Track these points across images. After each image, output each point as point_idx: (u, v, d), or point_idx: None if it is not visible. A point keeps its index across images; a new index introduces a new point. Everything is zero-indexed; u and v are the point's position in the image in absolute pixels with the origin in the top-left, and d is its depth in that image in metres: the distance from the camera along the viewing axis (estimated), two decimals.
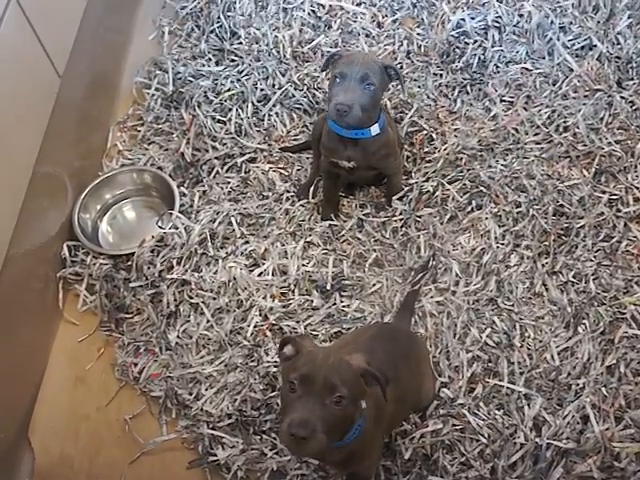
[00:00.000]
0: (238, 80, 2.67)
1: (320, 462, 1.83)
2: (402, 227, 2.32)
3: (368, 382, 1.44)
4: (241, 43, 2.79)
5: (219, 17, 2.86)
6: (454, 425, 1.90)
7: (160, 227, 2.28)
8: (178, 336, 2.11)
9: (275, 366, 2.02)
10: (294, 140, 2.59)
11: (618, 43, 2.72)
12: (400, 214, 2.33)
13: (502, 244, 2.24)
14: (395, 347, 1.80)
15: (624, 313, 2.07)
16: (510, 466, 1.85)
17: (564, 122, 2.51)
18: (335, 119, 2.02)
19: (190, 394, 2.02)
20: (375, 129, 2.10)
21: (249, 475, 1.90)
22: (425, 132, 2.51)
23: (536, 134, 2.51)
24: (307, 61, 2.76)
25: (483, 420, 1.90)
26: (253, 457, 1.90)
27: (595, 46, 2.71)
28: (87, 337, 2.20)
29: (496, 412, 1.92)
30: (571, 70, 2.67)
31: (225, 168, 2.49)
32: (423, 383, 1.89)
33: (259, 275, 2.18)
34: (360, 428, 1.50)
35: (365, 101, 1.99)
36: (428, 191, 2.36)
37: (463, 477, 1.85)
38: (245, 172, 2.49)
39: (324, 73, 2.47)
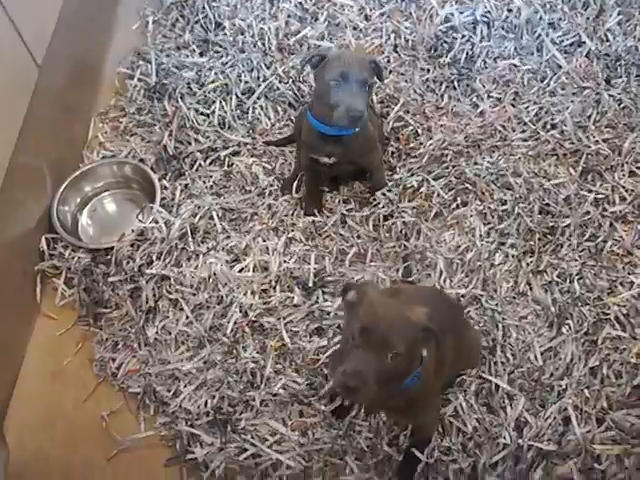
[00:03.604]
0: (222, 72, 2.64)
1: (383, 411, 1.86)
2: (385, 220, 2.29)
3: (427, 338, 1.45)
4: (226, 34, 2.77)
5: (204, 7, 2.84)
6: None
7: (140, 221, 2.25)
8: (157, 332, 2.08)
9: (254, 362, 2.00)
10: (279, 134, 2.56)
11: (607, 40, 2.72)
12: (383, 207, 2.30)
13: (487, 242, 2.21)
14: (447, 307, 1.85)
15: (608, 314, 2.05)
16: (491, 465, 1.83)
17: (551, 119, 2.50)
18: (346, 125, 1.97)
19: (168, 391, 1.99)
20: None
21: (227, 473, 1.87)
22: (411, 127, 2.49)
23: (523, 131, 2.50)
24: (293, 53, 2.74)
25: (470, 414, 1.89)
26: (231, 455, 1.87)
27: (584, 43, 2.71)
28: (65, 331, 2.17)
29: (482, 408, 1.91)
30: (559, 67, 2.66)
31: (208, 161, 2.46)
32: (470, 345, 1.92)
33: (240, 271, 2.15)
34: (419, 375, 1.52)
35: (366, 102, 1.97)
36: (412, 186, 2.33)
37: (444, 465, 1.84)
38: (228, 166, 2.46)
39: (305, 70, 2.40)
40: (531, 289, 2.13)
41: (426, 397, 1.65)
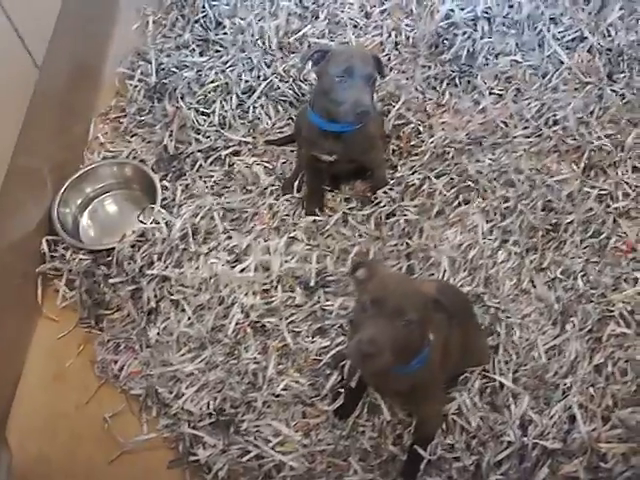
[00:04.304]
0: (222, 71, 2.63)
1: (384, 394, 1.86)
2: (387, 219, 2.28)
3: (437, 309, 1.46)
4: (226, 33, 2.77)
5: (204, 6, 2.84)
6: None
7: (141, 222, 2.24)
8: (158, 333, 2.07)
9: (255, 363, 1.99)
10: (279, 133, 2.54)
11: (609, 35, 2.70)
12: (385, 206, 2.29)
13: (489, 240, 2.19)
14: (456, 297, 1.88)
15: (612, 311, 2.03)
16: (495, 464, 1.82)
17: (554, 116, 2.48)
18: (353, 121, 1.95)
19: (170, 392, 1.98)
20: None
21: (230, 475, 1.86)
22: (412, 125, 2.47)
23: (525, 128, 2.47)
24: (293, 52, 2.72)
25: (474, 412, 1.88)
26: (234, 457, 1.86)
27: (586, 38, 2.69)
28: (66, 334, 2.16)
29: (486, 406, 1.89)
30: (561, 62, 2.64)
31: (209, 161, 2.45)
32: (478, 341, 1.93)
33: (241, 271, 2.13)
34: (425, 358, 1.53)
35: (371, 97, 1.95)
36: (414, 184, 2.32)
37: (447, 463, 1.83)
38: (229, 165, 2.45)
39: (306, 68, 2.37)
40: (534, 287, 2.11)
41: (429, 386, 1.66)
